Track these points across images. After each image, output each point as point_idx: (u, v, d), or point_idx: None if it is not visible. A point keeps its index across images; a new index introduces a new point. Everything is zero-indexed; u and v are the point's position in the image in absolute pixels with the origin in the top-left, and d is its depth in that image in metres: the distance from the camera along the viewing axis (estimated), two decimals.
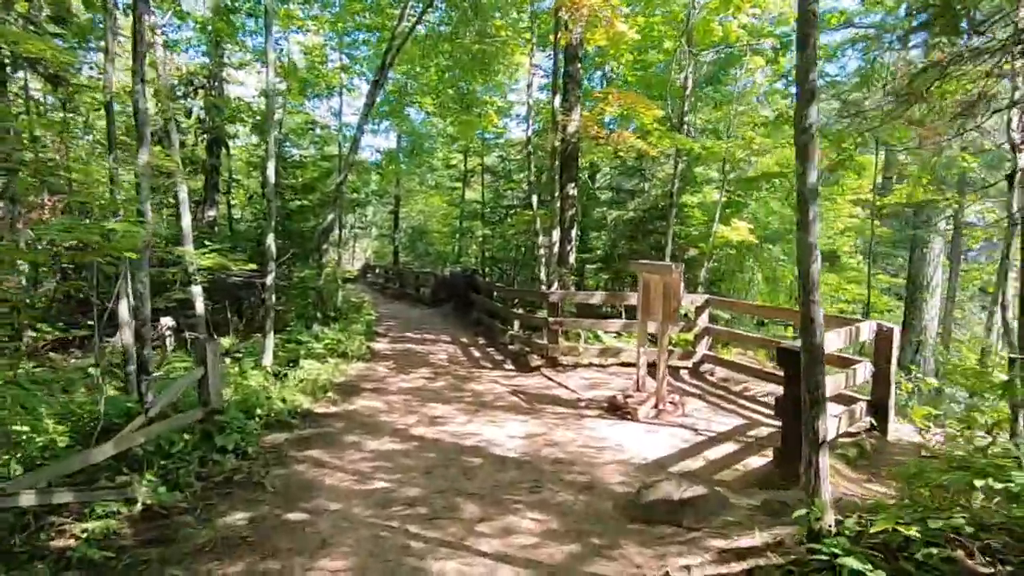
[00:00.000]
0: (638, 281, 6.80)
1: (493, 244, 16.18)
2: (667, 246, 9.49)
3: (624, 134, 9.07)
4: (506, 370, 9.13)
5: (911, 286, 11.55)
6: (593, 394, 7.47)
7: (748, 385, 7.67)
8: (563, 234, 10.50)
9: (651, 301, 6.61)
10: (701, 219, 11.53)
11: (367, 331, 12.00)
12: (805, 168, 2.95)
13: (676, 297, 6.23)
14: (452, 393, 7.65)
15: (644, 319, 6.73)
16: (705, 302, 8.08)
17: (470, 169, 21.34)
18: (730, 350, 8.89)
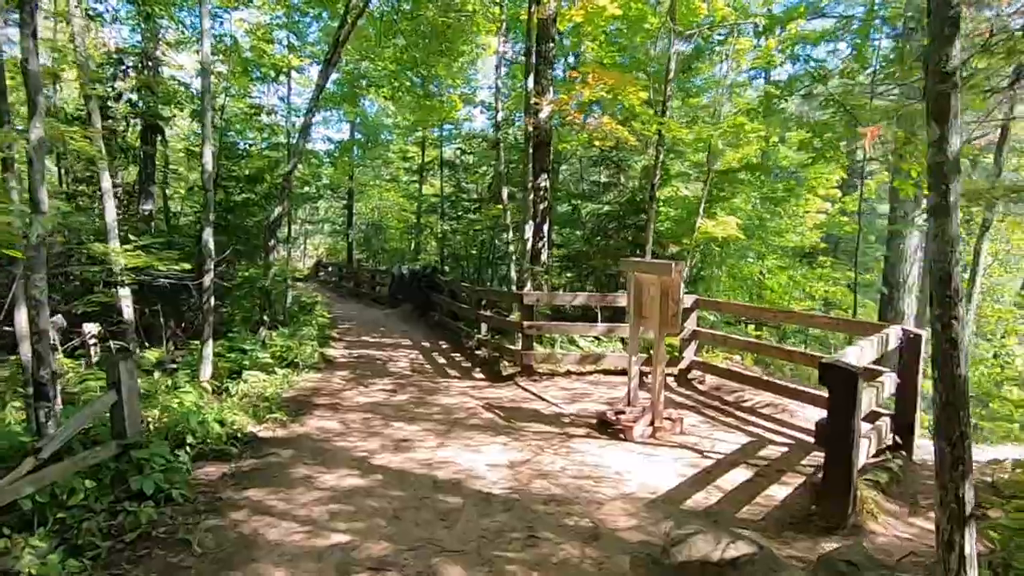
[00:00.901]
0: (627, 282, 6.07)
1: (453, 241, 15.27)
2: (647, 242, 8.82)
3: (604, 119, 8.35)
4: (476, 379, 8.29)
5: (887, 284, 11.27)
6: (577, 408, 6.71)
7: (743, 395, 7.05)
8: (535, 229, 9.72)
9: (645, 304, 5.89)
10: (681, 213, 10.93)
11: (320, 336, 10.95)
12: (943, 131, 2.20)
13: (676, 300, 5.52)
14: (418, 409, 6.76)
15: (637, 324, 6.00)
16: (694, 303, 7.43)
17: (428, 162, 20.32)
18: (718, 355, 8.29)
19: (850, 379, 3.68)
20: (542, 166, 9.61)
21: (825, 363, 3.78)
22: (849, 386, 3.68)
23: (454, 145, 20.18)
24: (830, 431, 3.80)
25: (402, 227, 23.39)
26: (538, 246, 9.70)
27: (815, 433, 4.34)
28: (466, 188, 16.08)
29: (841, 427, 3.72)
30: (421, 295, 13.87)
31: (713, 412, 6.57)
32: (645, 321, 5.94)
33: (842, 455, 3.72)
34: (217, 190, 13.49)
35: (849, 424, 3.69)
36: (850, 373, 3.68)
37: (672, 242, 9.96)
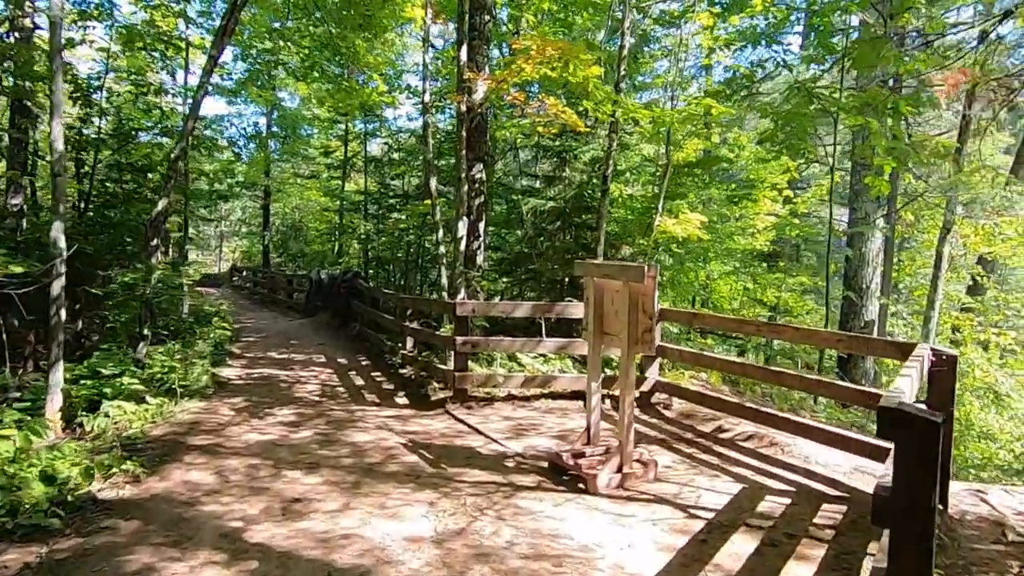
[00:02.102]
0: (585, 289, 4.83)
1: (377, 242, 13.69)
2: (598, 243, 7.68)
3: (549, 100, 7.13)
4: (399, 406, 6.86)
5: (851, 288, 10.63)
6: (523, 445, 5.40)
7: (720, 423, 5.94)
8: (470, 228, 8.38)
9: (608, 317, 4.67)
10: (628, 213, 9.86)
11: (216, 352, 9.22)
12: None
13: (650, 312, 4.31)
14: (324, 450, 5.27)
15: (598, 342, 4.76)
16: (659, 314, 6.27)
17: (352, 156, 18.59)
18: (683, 374, 7.20)
19: (930, 432, 2.52)
20: (477, 155, 8.30)
21: (890, 408, 2.61)
22: (928, 441, 2.52)
23: (380, 139, 18.57)
24: (900, 503, 2.63)
25: (323, 228, 21.51)
26: (473, 247, 8.37)
27: (873, 505, 3.18)
28: (393, 186, 14.55)
29: (916, 498, 2.55)
30: (341, 303, 12.26)
31: (688, 448, 5.41)
32: (608, 338, 4.70)
33: (919, 537, 2.55)
34: (92, 181, 11.46)
35: (928, 493, 2.54)
36: (930, 424, 2.52)
37: (625, 243, 8.88)
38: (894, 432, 2.58)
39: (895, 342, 4.31)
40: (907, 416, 2.54)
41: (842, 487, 4.55)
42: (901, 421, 2.54)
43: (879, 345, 4.34)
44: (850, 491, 4.48)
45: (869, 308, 10.69)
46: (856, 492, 4.45)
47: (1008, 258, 14.89)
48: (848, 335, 4.54)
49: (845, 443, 4.67)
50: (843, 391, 4.57)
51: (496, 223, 12.42)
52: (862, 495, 4.40)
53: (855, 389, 4.54)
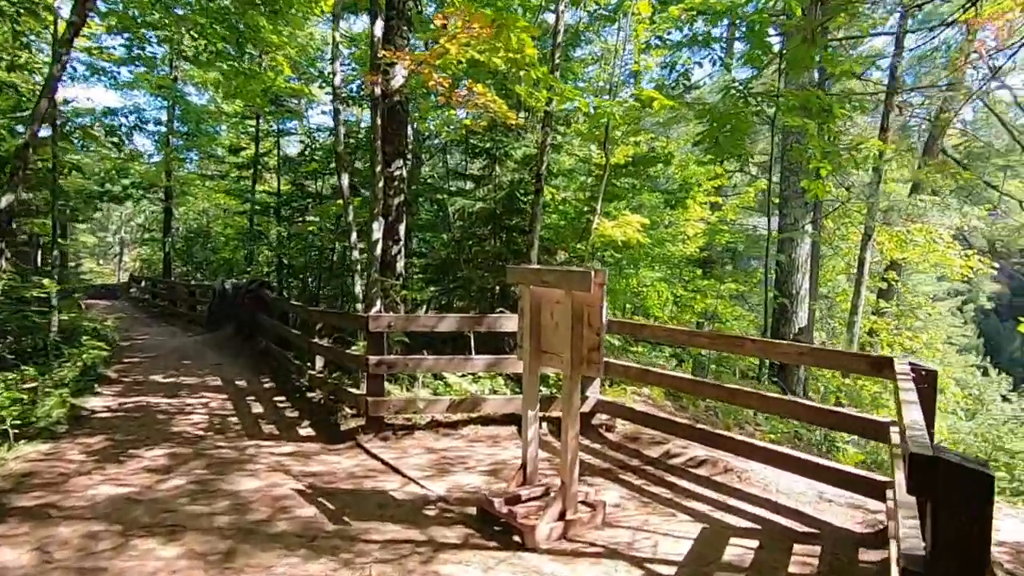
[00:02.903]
0: (520, 299, 4.06)
1: (290, 248, 12.42)
2: (532, 246, 6.96)
3: (477, 87, 6.35)
4: (302, 439, 5.83)
5: (783, 294, 10.44)
6: (448, 486, 4.54)
7: (668, 447, 5.31)
8: (388, 230, 7.46)
9: (547, 331, 3.91)
10: (560, 219, 9.22)
11: (84, 377, 7.80)
12: None
13: (596, 326, 3.58)
14: (195, 505, 4.19)
15: (535, 361, 3.99)
16: None
17: (263, 154, 17.12)
18: (624, 390, 6.56)
19: (982, 485, 1.91)
20: (396, 149, 7.41)
21: (929, 458, 1.97)
22: (986, 498, 1.90)
23: (298, 138, 17.23)
24: (935, 567, 2.00)
25: (232, 233, 19.78)
26: (392, 252, 7.45)
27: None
28: (307, 186, 13.33)
29: (969, 565, 1.93)
30: (246, 316, 10.96)
31: (637, 478, 4.73)
32: (548, 357, 3.94)
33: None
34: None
35: (985, 558, 1.93)
36: (982, 476, 1.91)
37: (561, 247, 8.23)
38: (941, 490, 1.94)
39: (864, 355, 3.80)
40: (957, 470, 1.90)
41: (810, 521, 3.99)
42: (951, 476, 1.90)
43: (848, 359, 3.82)
44: (819, 526, 3.93)
45: (800, 314, 10.56)
46: (826, 527, 3.90)
47: (919, 263, 15.43)
48: (811, 347, 4.01)
49: (808, 469, 4.12)
50: (811, 412, 4.03)
51: (422, 227, 11.50)
52: (833, 530, 3.86)
53: (825, 410, 4.00)
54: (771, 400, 4.26)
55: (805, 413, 4.06)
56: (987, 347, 44.25)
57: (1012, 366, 44.25)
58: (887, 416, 3.91)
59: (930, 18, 13.13)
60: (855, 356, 3.83)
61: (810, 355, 3.93)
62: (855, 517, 3.97)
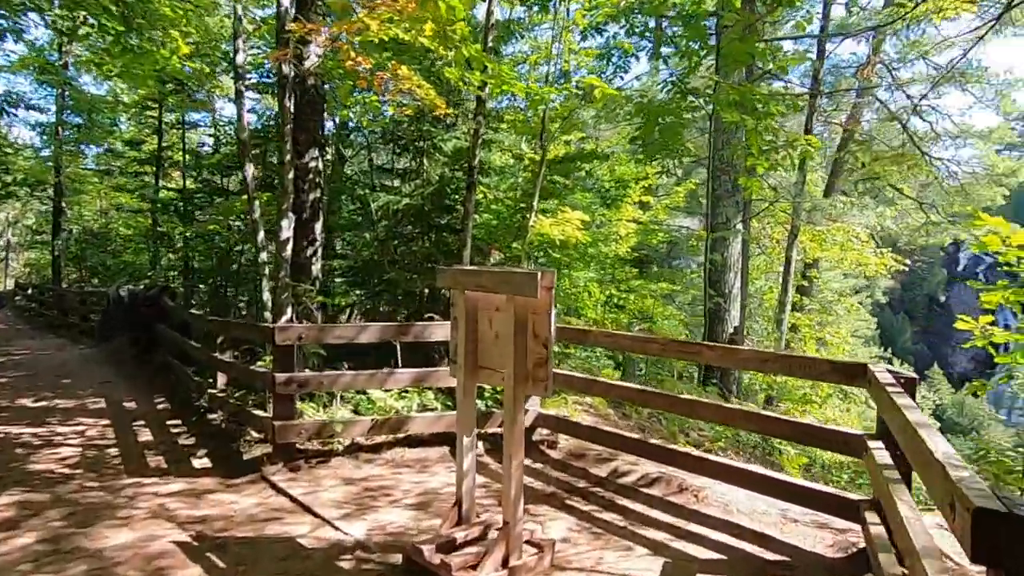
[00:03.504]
0: (452, 306, 3.46)
1: (195, 250, 11.19)
2: (464, 246, 6.37)
3: (402, 70, 5.69)
4: (196, 473, 4.97)
5: (717, 293, 10.32)
6: (367, 527, 3.86)
7: (616, 465, 4.84)
8: (302, 229, 6.66)
9: (485, 344, 3.33)
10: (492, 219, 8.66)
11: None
12: None
13: (543, 337, 3.03)
14: (41, 573, 3.33)
15: (472, 378, 3.40)
16: None
17: (167, 148, 15.63)
18: (565, 399, 6.06)
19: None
20: (311, 137, 6.62)
21: (1001, 514, 1.52)
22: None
23: (207, 130, 15.86)
24: None
25: (133, 235, 18.02)
26: (307, 254, 6.65)
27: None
28: (214, 182, 12.13)
29: None
30: (143, 327, 9.75)
31: (586, 504, 4.22)
32: (486, 374, 3.36)
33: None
34: None
35: None
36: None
37: (496, 247, 7.67)
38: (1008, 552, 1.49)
39: (834, 361, 3.44)
40: None
41: (778, 546, 3.60)
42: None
43: (818, 366, 3.45)
44: (789, 551, 3.54)
45: (732, 313, 10.49)
46: (797, 553, 3.52)
47: (841, 261, 15.94)
48: (777, 354, 3.67)
49: (773, 488, 3.75)
50: (777, 425, 3.66)
51: (345, 226, 10.61)
52: (804, 556, 3.49)
53: (793, 423, 3.63)
54: (733, 412, 3.86)
55: (771, 426, 3.69)
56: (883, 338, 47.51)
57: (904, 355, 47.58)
58: (859, 429, 3.58)
59: (847, 28, 13.52)
60: (827, 363, 3.45)
61: (775, 362, 3.56)
62: (824, 539, 3.62)
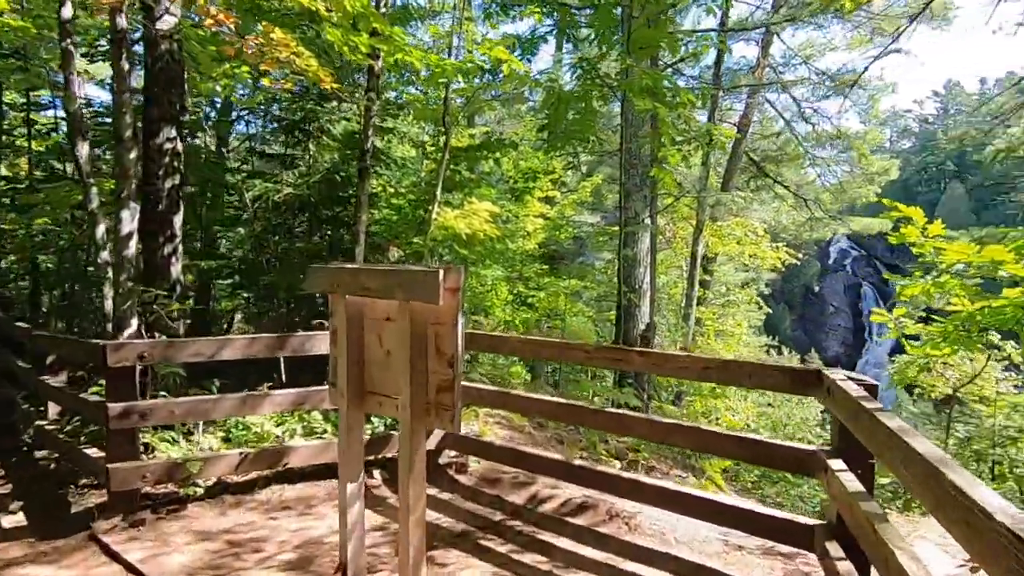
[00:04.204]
0: (331, 315, 2.69)
1: (39, 249, 9.35)
2: (357, 242, 5.54)
3: (276, 34, 4.78)
4: (2, 536, 3.84)
5: (627, 290, 10.05)
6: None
7: (536, 489, 4.24)
8: (158, 223, 5.53)
9: (373, 363, 2.60)
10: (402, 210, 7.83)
11: None
12: None
13: (449, 353, 2.34)
14: None
15: (356, 411, 2.64)
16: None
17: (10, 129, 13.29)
18: (475, 412, 5.39)
19: None
20: (167, 112, 5.50)
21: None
22: None
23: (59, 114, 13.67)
24: None
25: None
26: (164, 252, 5.53)
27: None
28: (60, 171, 10.32)
29: None
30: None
31: (504, 544, 3.58)
32: (376, 401, 2.63)
33: None
34: None
35: None
36: None
37: (395, 243, 6.86)
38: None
39: (782, 367, 3.05)
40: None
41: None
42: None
43: (767, 373, 3.01)
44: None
45: (643, 308, 10.28)
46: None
47: (741, 255, 16.40)
48: (721, 360, 3.18)
49: (716, 514, 3.28)
50: (722, 440, 3.19)
51: (226, 221, 9.29)
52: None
53: (734, 438, 3.17)
54: (671, 429, 3.36)
55: (715, 444, 3.21)
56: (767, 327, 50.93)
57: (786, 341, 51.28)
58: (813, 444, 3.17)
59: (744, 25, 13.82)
60: (777, 373, 3.02)
61: (717, 370, 3.09)
62: (773, 569, 3.19)
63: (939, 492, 1.54)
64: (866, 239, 49.86)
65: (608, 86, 7.52)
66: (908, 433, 1.82)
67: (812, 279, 72.01)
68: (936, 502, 1.58)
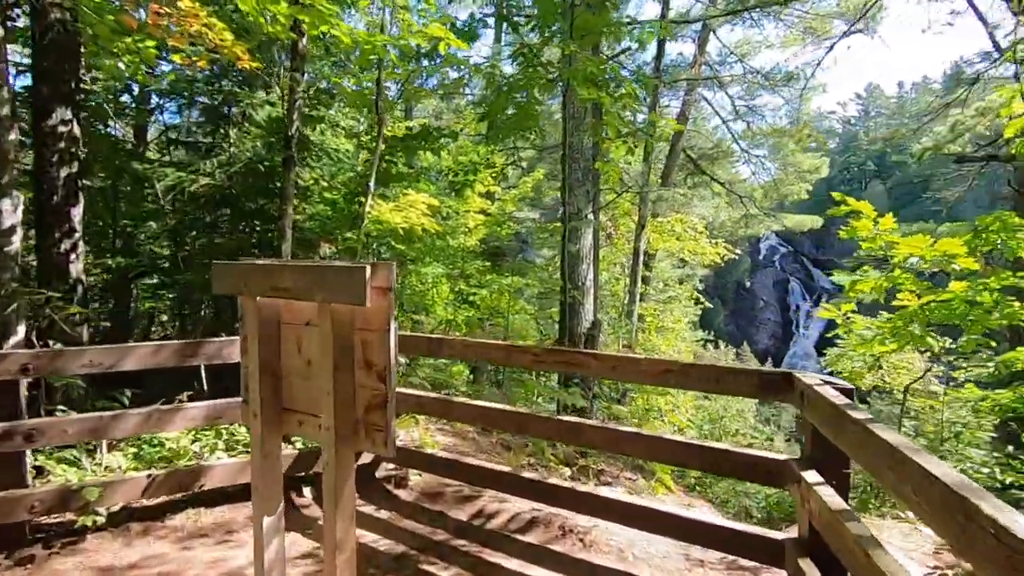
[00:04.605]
0: (242, 318, 2.29)
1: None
2: (283, 237, 5.08)
3: (184, 2, 4.27)
4: None
5: (570, 287, 9.86)
6: None
7: (481, 504, 3.94)
8: (54, 216, 4.90)
9: (293, 375, 2.22)
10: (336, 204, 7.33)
11: None
12: None
13: (380, 364, 2.00)
14: None
15: (274, 433, 2.26)
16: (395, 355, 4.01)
17: None
18: (415, 419, 5.03)
19: None
20: (60, 91, 4.87)
21: None
22: None
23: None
24: None
25: None
26: (61, 249, 4.89)
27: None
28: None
29: None
30: None
31: (448, 568, 3.25)
32: (295, 420, 2.25)
33: None
34: None
35: None
36: None
37: (328, 239, 6.38)
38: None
39: (747, 371, 2.81)
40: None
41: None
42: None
43: (733, 377, 2.78)
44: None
45: (587, 306, 10.13)
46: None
47: (679, 251, 16.58)
48: (682, 364, 2.97)
49: (680, 529, 3.07)
50: (682, 451, 2.97)
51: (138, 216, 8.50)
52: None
53: (697, 447, 2.96)
54: (629, 438, 3.12)
55: (678, 454, 2.98)
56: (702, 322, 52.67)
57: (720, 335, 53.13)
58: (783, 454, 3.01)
59: (685, 18, 13.91)
60: (740, 375, 2.80)
61: (677, 374, 2.87)
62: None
63: (967, 525, 1.31)
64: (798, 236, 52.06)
65: (551, 76, 7.27)
66: (920, 454, 1.59)
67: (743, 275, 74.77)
68: (963, 538, 1.35)
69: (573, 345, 10.24)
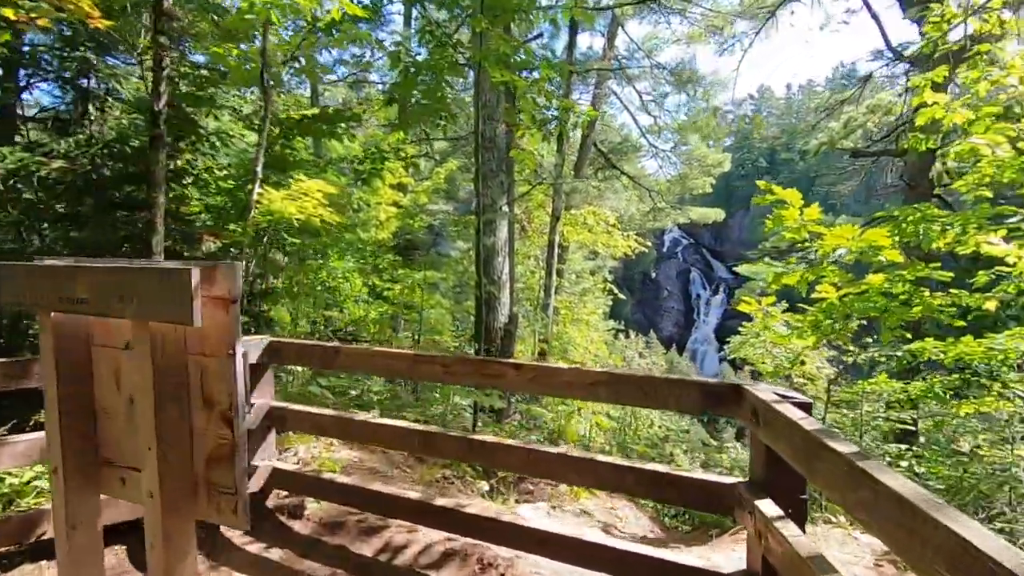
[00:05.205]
0: (41, 338, 1.67)
1: None
2: (154, 231, 4.31)
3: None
4: None
5: (486, 281, 9.44)
6: None
7: (389, 536, 3.43)
8: None
9: (109, 414, 1.64)
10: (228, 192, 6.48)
11: None
12: None
13: (223, 403, 1.46)
14: None
15: (81, 491, 1.66)
16: (265, 352, 3.38)
17: None
18: (306, 440, 4.42)
19: None
20: None
21: None
22: None
23: None
24: None
25: None
26: None
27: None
28: None
29: None
30: None
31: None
32: (115, 477, 1.67)
33: None
34: None
35: None
36: None
37: (212, 234, 5.57)
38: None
39: (687, 381, 2.48)
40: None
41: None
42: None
43: (673, 389, 2.43)
44: None
45: (503, 300, 9.78)
46: None
47: (592, 243, 16.59)
48: (610, 373, 2.62)
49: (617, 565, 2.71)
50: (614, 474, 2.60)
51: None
52: None
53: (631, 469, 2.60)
54: (550, 459, 2.72)
55: (607, 477, 2.61)
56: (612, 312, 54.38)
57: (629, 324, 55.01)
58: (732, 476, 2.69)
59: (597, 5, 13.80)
60: (679, 386, 2.46)
61: (607, 385, 2.50)
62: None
63: None
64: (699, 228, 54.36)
65: (463, 56, 6.80)
66: (940, 509, 1.26)
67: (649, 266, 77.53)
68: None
69: (490, 340, 9.86)
